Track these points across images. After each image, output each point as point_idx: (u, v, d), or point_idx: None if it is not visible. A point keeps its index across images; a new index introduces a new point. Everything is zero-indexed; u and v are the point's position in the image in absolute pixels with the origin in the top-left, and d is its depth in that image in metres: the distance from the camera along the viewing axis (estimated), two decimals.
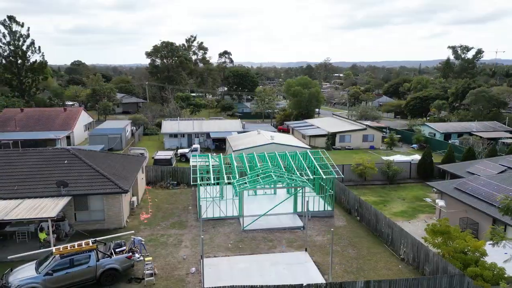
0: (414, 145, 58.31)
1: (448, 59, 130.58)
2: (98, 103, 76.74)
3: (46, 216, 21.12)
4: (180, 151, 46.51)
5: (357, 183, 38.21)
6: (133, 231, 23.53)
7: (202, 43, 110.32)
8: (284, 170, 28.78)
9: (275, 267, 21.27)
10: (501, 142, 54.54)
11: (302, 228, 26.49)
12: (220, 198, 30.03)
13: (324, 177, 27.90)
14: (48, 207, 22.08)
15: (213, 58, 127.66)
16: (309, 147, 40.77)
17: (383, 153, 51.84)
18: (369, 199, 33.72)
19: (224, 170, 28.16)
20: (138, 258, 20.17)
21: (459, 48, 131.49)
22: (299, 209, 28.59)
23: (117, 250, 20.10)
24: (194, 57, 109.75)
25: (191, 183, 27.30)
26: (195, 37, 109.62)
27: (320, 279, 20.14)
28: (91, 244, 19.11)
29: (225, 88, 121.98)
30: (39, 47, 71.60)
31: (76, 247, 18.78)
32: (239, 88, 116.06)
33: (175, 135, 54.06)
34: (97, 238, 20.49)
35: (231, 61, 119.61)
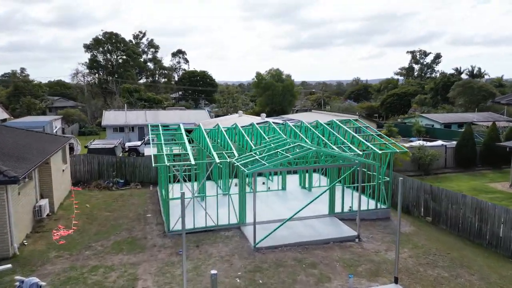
0: (413, 138, 49.53)
1: (411, 63, 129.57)
2: (20, 101, 60.61)
3: None
4: (129, 144, 33.29)
5: None
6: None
7: (152, 40, 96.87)
8: (310, 143, 17.14)
9: None
10: None
11: (357, 239, 14.92)
12: (202, 198, 17.83)
13: (378, 151, 16.70)
14: None
15: (166, 59, 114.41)
16: None
17: None
18: None
19: (211, 147, 15.95)
20: None
21: (418, 53, 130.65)
22: (337, 209, 17.08)
23: None
24: (143, 57, 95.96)
25: (154, 165, 14.67)
26: (144, 33, 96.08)
27: None
28: None
29: (180, 93, 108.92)
30: None
31: None
32: (196, 93, 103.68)
33: (121, 129, 40.64)
34: None
35: (186, 61, 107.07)
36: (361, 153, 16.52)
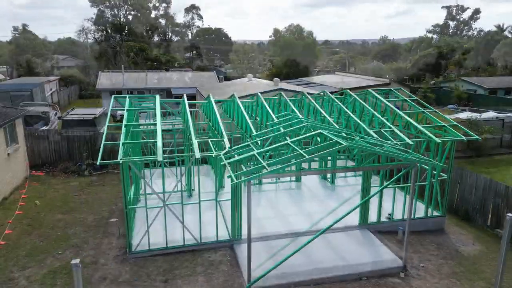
0: (451, 106, 43.29)
1: (446, 20, 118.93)
2: (20, 60, 56.58)
3: None
4: (121, 112, 28.75)
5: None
6: None
7: None
8: (336, 126, 12.01)
9: None
10: None
11: (402, 274, 10.13)
12: (188, 194, 13.40)
13: (436, 140, 11.45)
14: None
15: (179, 15, 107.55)
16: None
17: None
18: None
19: (192, 129, 11.11)
20: None
21: (454, 8, 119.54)
22: (372, 218, 12.24)
23: None
24: (154, 13, 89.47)
25: (103, 143, 9.99)
26: None
27: None
28: None
29: (194, 52, 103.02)
30: None
31: None
32: (211, 52, 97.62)
33: (118, 93, 36.01)
34: None
35: (201, 18, 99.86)
36: (411, 142, 11.33)
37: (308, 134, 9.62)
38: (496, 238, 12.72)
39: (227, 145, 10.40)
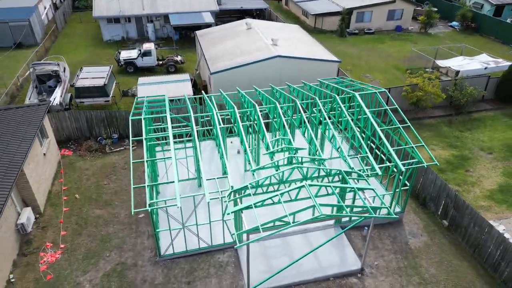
0: (455, 23, 42.74)
1: None
2: None
3: None
4: (124, 55, 29.54)
5: (408, 116, 24.43)
6: None
7: None
8: (322, 156, 14.38)
9: None
10: None
11: (359, 275, 13.96)
12: (198, 183, 16.48)
13: (403, 169, 13.97)
14: None
15: None
16: (340, 60, 24.89)
17: (421, 40, 36.52)
18: (437, 155, 20.76)
19: (203, 174, 13.59)
20: None
21: None
22: (344, 218, 15.58)
23: None
24: None
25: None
26: None
27: None
28: None
29: None
30: None
31: None
32: None
33: (116, 20, 35.67)
34: None
35: None
36: (380, 172, 13.91)
37: (294, 187, 12.21)
38: (441, 228, 16.24)
39: (230, 184, 13.05)
